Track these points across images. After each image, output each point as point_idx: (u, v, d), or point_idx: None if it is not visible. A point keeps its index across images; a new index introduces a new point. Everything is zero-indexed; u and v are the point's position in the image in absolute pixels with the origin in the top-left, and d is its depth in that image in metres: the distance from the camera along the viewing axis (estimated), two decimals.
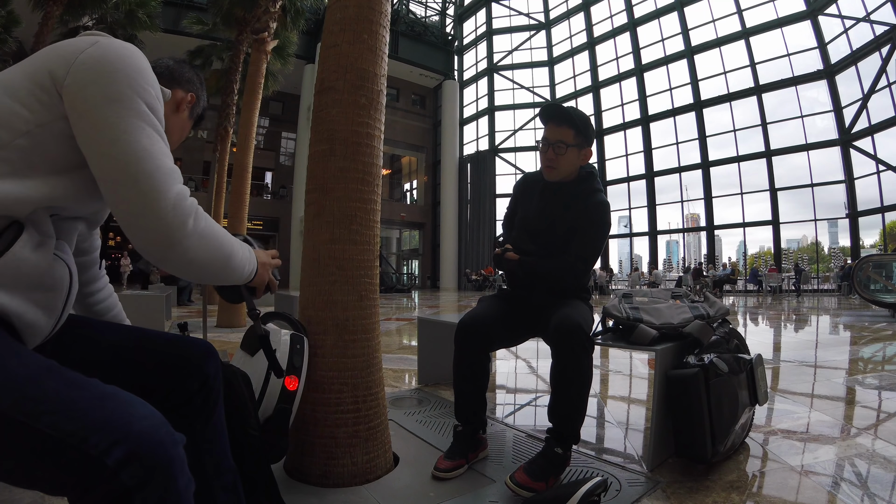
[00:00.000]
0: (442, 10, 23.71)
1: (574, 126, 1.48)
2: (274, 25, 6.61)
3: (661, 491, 1.27)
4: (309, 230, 1.38)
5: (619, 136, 18.99)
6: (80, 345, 0.78)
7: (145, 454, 0.50)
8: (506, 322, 1.52)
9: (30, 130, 0.62)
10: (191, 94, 0.94)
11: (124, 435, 0.50)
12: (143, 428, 0.52)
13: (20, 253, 0.60)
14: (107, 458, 0.49)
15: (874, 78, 13.00)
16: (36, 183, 0.62)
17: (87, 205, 0.71)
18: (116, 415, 0.52)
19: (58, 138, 0.63)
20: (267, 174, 22.62)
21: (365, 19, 1.39)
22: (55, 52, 0.66)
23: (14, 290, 0.60)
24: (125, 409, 0.53)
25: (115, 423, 0.51)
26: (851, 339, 4.56)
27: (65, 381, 0.54)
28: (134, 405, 0.54)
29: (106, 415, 0.51)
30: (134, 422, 0.52)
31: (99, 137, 0.62)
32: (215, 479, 0.78)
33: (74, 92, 0.63)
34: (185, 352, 0.81)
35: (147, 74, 0.69)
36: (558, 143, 1.48)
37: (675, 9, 17.17)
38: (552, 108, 1.52)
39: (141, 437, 0.51)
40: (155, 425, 0.53)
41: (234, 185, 5.79)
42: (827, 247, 19.31)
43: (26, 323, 0.62)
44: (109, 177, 0.63)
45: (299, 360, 1.17)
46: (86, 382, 0.55)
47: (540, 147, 1.54)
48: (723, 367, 1.40)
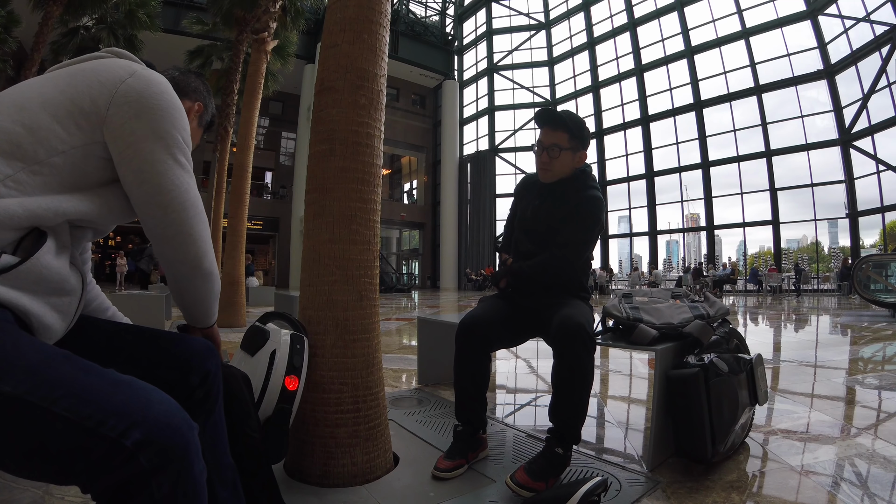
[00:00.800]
0: (442, 10, 23.72)
1: (568, 130, 1.50)
2: (274, 25, 6.61)
3: (661, 491, 1.27)
4: (309, 230, 1.38)
5: (619, 136, 18.99)
6: (83, 341, 0.79)
7: (162, 438, 0.51)
8: (506, 322, 1.52)
9: (65, 150, 0.66)
10: (198, 104, 0.98)
11: (141, 418, 0.51)
12: (160, 412, 0.53)
13: (44, 259, 0.62)
14: (125, 440, 0.49)
15: (874, 78, 13.00)
16: (65, 198, 0.66)
17: (108, 221, 0.76)
18: (133, 399, 0.53)
19: (91, 159, 0.69)
20: (267, 174, 22.63)
21: (365, 19, 1.39)
22: (96, 77, 0.71)
23: (36, 294, 0.63)
24: (142, 395, 0.54)
25: (133, 407, 0.52)
26: (851, 338, 4.57)
27: (81, 368, 0.55)
28: (150, 391, 0.55)
29: (123, 399, 0.52)
30: (151, 405, 0.53)
31: (145, 167, 0.71)
32: (215, 475, 0.79)
33: (119, 124, 0.70)
34: (186, 348, 0.82)
35: (182, 111, 0.78)
36: (553, 146, 1.50)
37: (675, 9, 17.17)
38: (546, 112, 1.54)
39: (158, 421, 0.52)
40: (171, 411, 0.54)
41: (234, 185, 5.79)
42: (827, 247, 19.31)
43: (44, 325, 0.65)
44: (157, 213, 0.74)
45: (299, 360, 1.17)
46: (101, 370, 0.56)
47: (535, 150, 1.56)
48: (723, 367, 1.40)
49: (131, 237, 20.61)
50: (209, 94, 1.02)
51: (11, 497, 1.18)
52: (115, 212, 0.74)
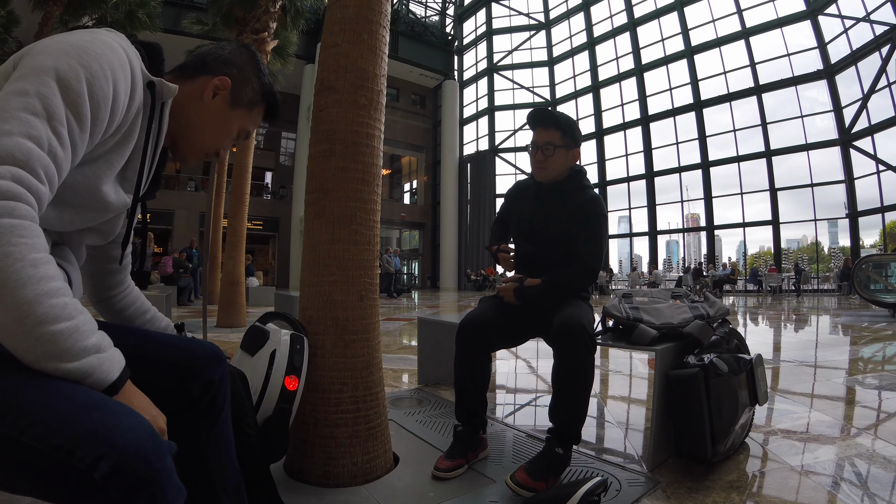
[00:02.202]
0: (442, 10, 23.70)
1: (560, 128, 1.52)
2: (274, 25, 6.62)
3: (661, 491, 1.27)
4: (309, 230, 1.38)
5: (619, 136, 18.97)
6: None
7: (130, 468, 0.49)
8: (507, 322, 1.52)
9: None
10: (219, 78, 0.79)
11: (109, 448, 0.49)
12: (129, 441, 0.50)
13: None
14: (94, 473, 0.48)
15: (874, 78, 12.99)
16: None
17: (62, 217, 0.66)
18: (102, 427, 0.50)
19: None
20: (267, 174, 22.60)
21: (365, 19, 1.39)
22: None
23: None
24: (110, 421, 0.51)
25: (101, 436, 0.50)
26: (851, 339, 4.56)
27: (51, 392, 0.52)
28: (119, 416, 0.52)
29: (92, 427, 0.50)
30: (119, 434, 0.50)
31: None
32: (219, 481, 0.79)
33: None
34: (189, 355, 0.80)
35: (90, 49, 0.60)
36: (547, 145, 1.52)
37: (675, 9, 17.14)
38: (538, 112, 1.56)
39: (126, 451, 0.50)
40: (140, 438, 0.52)
41: (234, 185, 5.79)
42: (827, 247, 19.32)
43: None
44: None
45: (299, 360, 1.17)
46: (71, 391, 0.53)
47: (529, 151, 1.57)
48: (723, 367, 1.40)
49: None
50: (252, 66, 0.84)
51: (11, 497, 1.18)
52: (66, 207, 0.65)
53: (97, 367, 0.55)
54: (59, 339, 0.51)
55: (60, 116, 0.55)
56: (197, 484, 0.74)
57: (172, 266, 9.24)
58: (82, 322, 0.54)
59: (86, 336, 0.54)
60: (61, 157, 0.56)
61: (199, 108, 0.79)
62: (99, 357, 0.55)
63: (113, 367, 0.57)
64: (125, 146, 0.69)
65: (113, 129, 0.65)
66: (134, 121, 0.68)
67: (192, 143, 0.82)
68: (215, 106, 0.80)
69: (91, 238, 0.79)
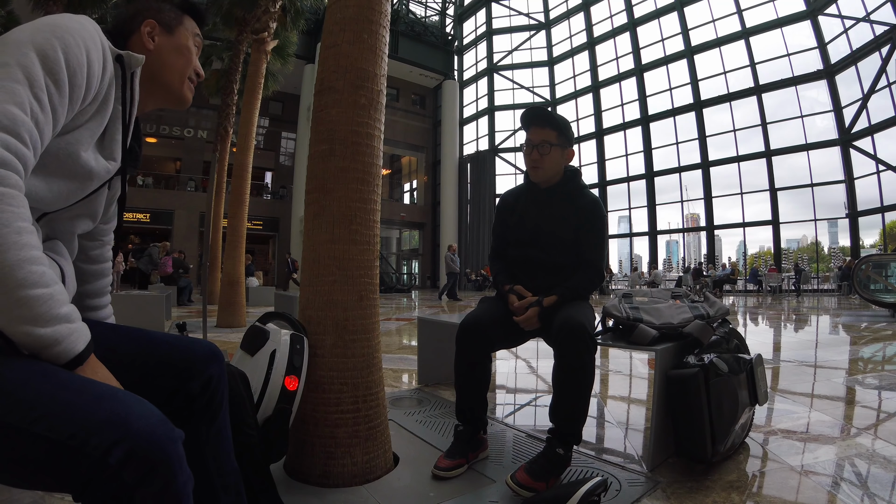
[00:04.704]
0: (442, 10, 23.70)
1: (556, 127, 1.52)
2: (274, 25, 6.62)
3: (661, 491, 1.27)
4: (309, 230, 1.38)
5: (619, 136, 18.97)
6: None
7: (144, 452, 0.51)
8: (507, 323, 1.52)
9: None
10: (145, 24, 0.84)
11: (124, 433, 0.51)
12: (141, 427, 0.52)
13: None
14: (109, 458, 0.49)
15: (874, 78, 12.99)
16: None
17: (52, 189, 0.67)
18: (114, 415, 0.52)
19: None
20: (267, 174, 22.61)
21: (365, 19, 1.39)
22: None
23: None
24: (122, 409, 0.53)
25: (115, 423, 0.51)
26: (851, 339, 4.56)
27: (59, 384, 0.54)
28: (131, 405, 0.54)
29: (104, 415, 0.52)
30: (132, 420, 0.52)
31: None
32: (218, 479, 0.79)
33: None
34: (187, 354, 0.81)
35: (61, 24, 0.65)
36: (542, 143, 1.52)
37: (675, 9, 17.14)
38: (532, 112, 1.56)
39: (139, 436, 0.51)
40: (152, 424, 0.53)
41: (233, 185, 5.80)
42: (827, 247, 19.32)
43: None
44: None
45: (299, 360, 1.17)
46: (81, 384, 0.55)
47: (524, 150, 1.57)
48: (723, 367, 1.40)
49: (130, 237, 20.60)
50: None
51: (11, 497, 1.18)
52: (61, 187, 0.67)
53: (66, 336, 0.57)
54: (35, 304, 0.54)
55: (40, 83, 0.59)
56: (196, 482, 0.74)
57: (172, 266, 9.24)
58: (57, 291, 0.57)
59: (59, 304, 0.56)
60: (42, 122, 0.60)
61: (153, 56, 0.85)
62: (69, 327, 0.58)
63: (80, 339, 0.59)
64: (102, 115, 0.73)
65: (90, 97, 0.69)
66: (108, 90, 0.73)
67: (172, 81, 0.88)
68: (161, 44, 0.86)
69: (82, 224, 0.79)
